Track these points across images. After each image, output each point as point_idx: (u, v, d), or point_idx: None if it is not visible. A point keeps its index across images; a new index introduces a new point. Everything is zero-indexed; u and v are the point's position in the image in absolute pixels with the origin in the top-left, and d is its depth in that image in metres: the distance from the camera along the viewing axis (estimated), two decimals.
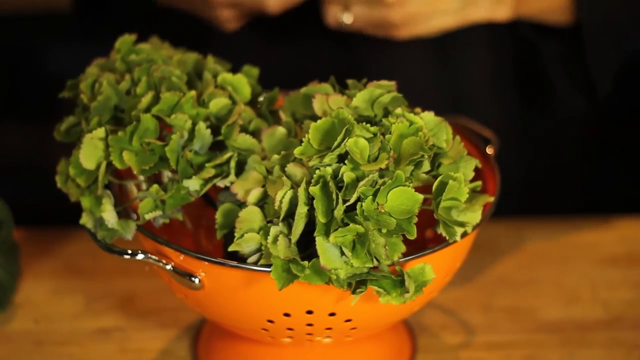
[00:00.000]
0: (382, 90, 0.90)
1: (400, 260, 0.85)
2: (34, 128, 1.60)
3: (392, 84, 0.91)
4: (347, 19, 1.13)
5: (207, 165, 0.89)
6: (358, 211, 0.81)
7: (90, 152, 0.89)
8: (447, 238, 0.87)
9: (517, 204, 1.37)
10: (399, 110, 0.88)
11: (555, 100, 1.33)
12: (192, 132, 0.89)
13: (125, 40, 0.97)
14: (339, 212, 0.81)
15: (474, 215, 0.88)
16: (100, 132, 0.89)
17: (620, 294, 1.15)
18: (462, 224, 0.87)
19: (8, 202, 1.10)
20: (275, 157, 0.89)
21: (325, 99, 0.90)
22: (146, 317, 1.12)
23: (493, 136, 1.06)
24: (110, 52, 0.98)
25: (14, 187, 1.55)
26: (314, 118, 0.89)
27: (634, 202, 1.36)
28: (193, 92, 0.91)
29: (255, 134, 0.92)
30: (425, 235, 1.02)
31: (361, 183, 0.81)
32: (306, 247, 0.84)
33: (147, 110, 0.89)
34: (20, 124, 1.66)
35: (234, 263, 0.87)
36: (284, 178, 0.85)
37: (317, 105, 0.90)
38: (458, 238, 0.87)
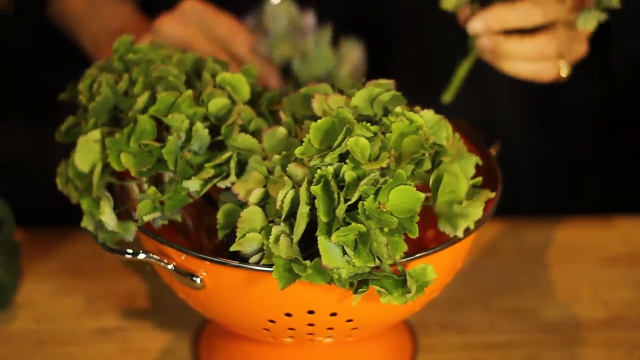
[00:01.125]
0: (381, 89, 0.90)
1: (402, 260, 0.85)
2: (35, 128, 1.60)
3: (390, 82, 0.91)
4: (565, 70, 1.09)
5: (206, 165, 0.89)
6: (360, 210, 0.81)
7: (84, 155, 0.89)
8: (450, 232, 0.87)
9: (519, 203, 1.37)
10: (398, 109, 0.88)
11: (566, 92, 1.33)
12: (189, 132, 0.89)
13: (123, 40, 0.97)
14: (340, 211, 0.81)
15: (476, 211, 0.88)
16: (96, 134, 0.89)
17: (621, 294, 1.15)
18: (464, 216, 0.87)
19: (9, 202, 1.10)
20: (276, 157, 0.88)
21: (324, 98, 0.90)
22: (147, 317, 1.12)
23: (495, 136, 1.06)
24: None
25: (15, 187, 1.55)
26: (314, 118, 0.89)
27: (635, 202, 1.36)
28: (190, 92, 0.90)
29: (256, 133, 0.92)
30: (426, 235, 1.02)
31: (362, 182, 0.81)
32: (307, 247, 0.84)
33: (144, 110, 0.89)
34: (22, 123, 1.66)
35: (236, 263, 0.87)
36: (285, 178, 0.85)
37: (317, 105, 0.90)
38: (460, 234, 0.87)
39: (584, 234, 1.25)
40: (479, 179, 0.91)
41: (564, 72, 1.08)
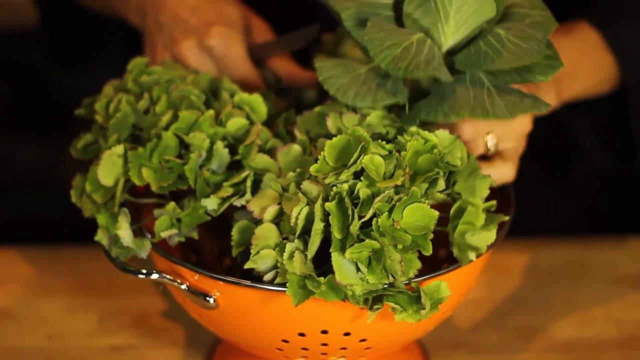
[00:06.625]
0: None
1: (415, 280, 0.85)
2: (48, 144, 1.61)
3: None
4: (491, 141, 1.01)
5: (224, 184, 0.89)
6: (374, 227, 0.82)
7: (108, 169, 0.89)
8: (460, 262, 0.87)
9: (531, 223, 1.37)
10: (413, 128, 0.88)
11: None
12: (210, 151, 0.90)
13: (137, 63, 0.98)
14: (354, 228, 0.82)
15: (489, 235, 0.88)
16: (119, 148, 0.90)
17: (634, 314, 1.15)
18: (475, 249, 0.87)
19: (21, 219, 1.10)
20: (291, 174, 0.89)
21: (338, 117, 0.91)
22: (159, 335, 1.12)
23: None
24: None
25: (27, 204, 1.55)
26: (328, 136, 0.89)
27: None
28: (211, 111, 0.91)
29: (271, 152, 0.93)
30: (439, 254, 1.02)
31: (377, 199, 0.82)
32: (321, 264, 0.84)
33: (166, 128, 0.90)
34: (36, 139, 1.67)
35: (249, 283, 0.87)
36: (300, 195, 0.85)
37: (331, 124, 0.91)
38: (473, 258, 0.87)
39: (596, 253, 1.25)
40: (493, 202, 0.91)
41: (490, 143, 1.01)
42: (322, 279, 0.82)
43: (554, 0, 0.98)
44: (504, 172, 0.98)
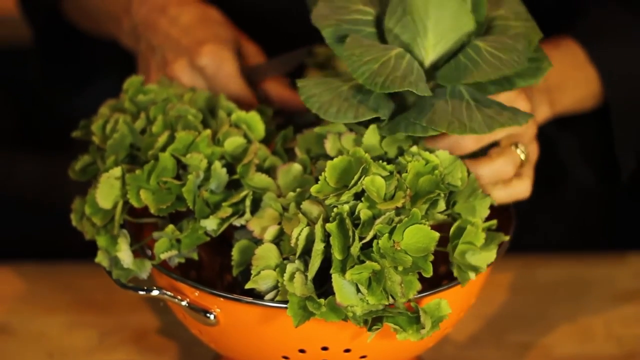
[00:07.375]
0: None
1: (416, 297, 0.86)
2: (49, 161, 1.61)
3: None
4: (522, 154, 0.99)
5: (224, 204, 0.89)
6: (374, 248, 0.82)
7: (106, 192, 0.89)
8: (460, 282, 0.87)
9: (531, 239, 1.37)
10: (414, 149, 0.88)
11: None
12: (207, 171, 0.90)
13: (132, 82, 0.98)
14: (355, 249, 0.82)
15: (489, 255, 0.88)
16: (117, 171, 0.90)
17: (635, 330, 1.15)
18: (476, 268, 0.87)
19: (23, 236, 1.10)
20: (291, 194, 0.89)
21: (337, 138, 0.91)
22: (160, 351, 1.12)
23: None
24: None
25: (29, 221, 1.55)
26: (329, 156, 0.89)
27: None
28: (208, 131, 0.91)
29: (270, 171, 0.93)
30: (439, 270, 1.02)
31: (378, 221, 0.82)
32: (322, 284, 0.84)
33: (163, 149, 0.90)
34: (37, 156, 1.67)
35: (250, 299, 0.87)
36: (300, 215, 0.85)
37: (330, 145, 0.91)
38: (473, 277, 0.87)
39: (596, 270, 1.24)
40: (494, 222, 0.91)
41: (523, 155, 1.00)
42: (322, 300, 0.82)
43: (537, 18, 0.98)
44: (521, 189, 0.98)
